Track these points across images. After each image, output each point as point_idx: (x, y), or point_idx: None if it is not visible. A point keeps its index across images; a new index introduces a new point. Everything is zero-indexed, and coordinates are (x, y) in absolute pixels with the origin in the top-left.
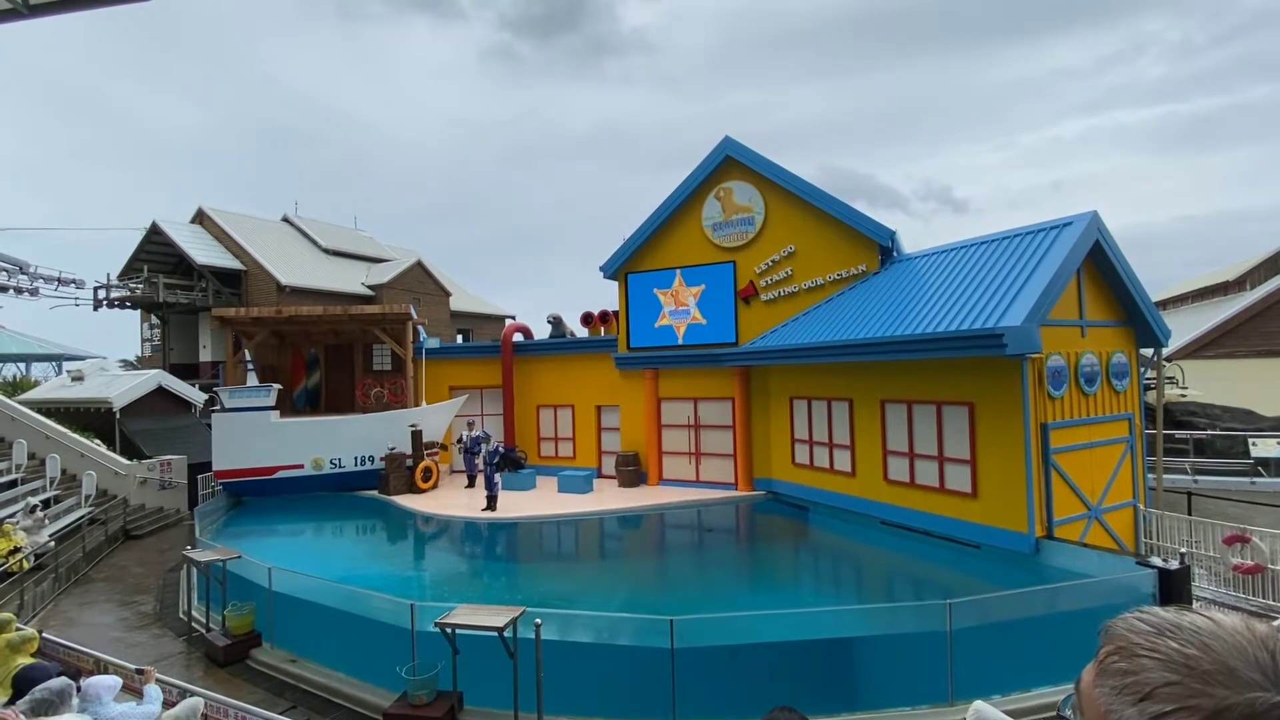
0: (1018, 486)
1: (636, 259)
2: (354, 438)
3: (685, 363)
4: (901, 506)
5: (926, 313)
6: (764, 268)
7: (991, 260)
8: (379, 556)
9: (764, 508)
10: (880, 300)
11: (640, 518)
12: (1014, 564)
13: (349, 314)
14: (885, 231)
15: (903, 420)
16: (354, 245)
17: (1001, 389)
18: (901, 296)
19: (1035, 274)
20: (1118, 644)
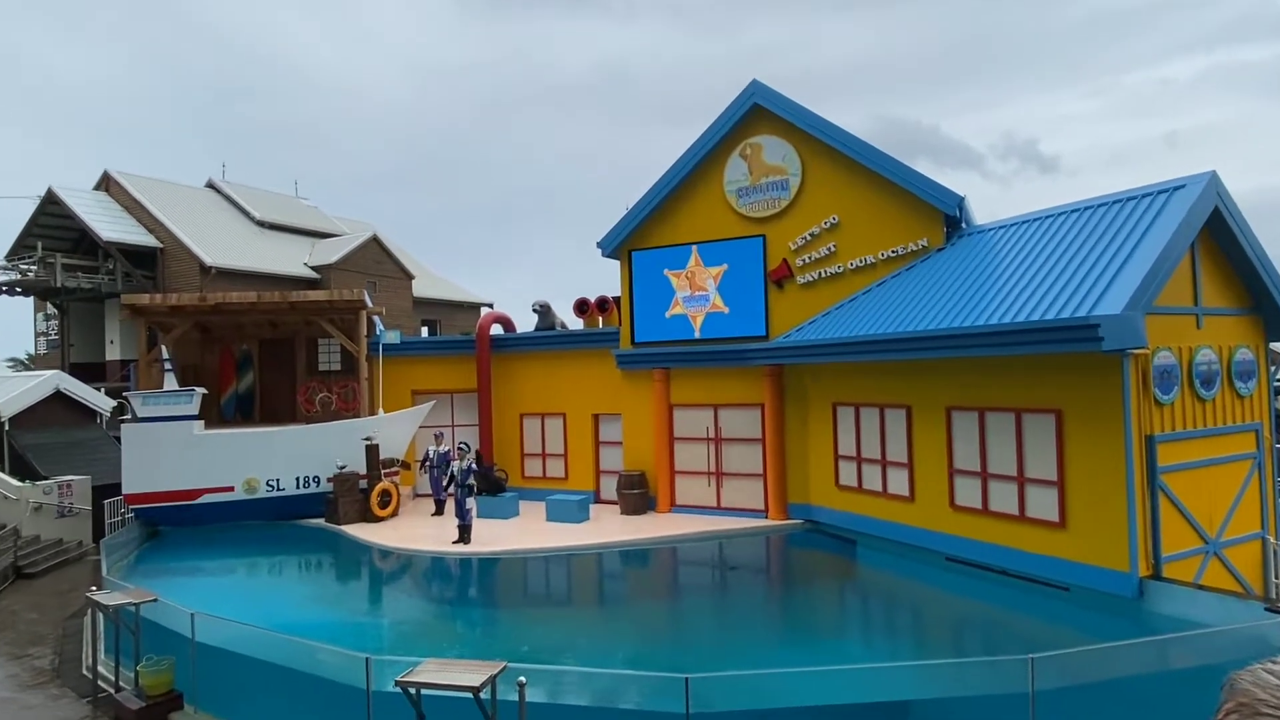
0: (1116, 514)
1: (643, 233)
2: (295, 454)
3: (703, 361)
4: (971, 539)
5: (1003, 299)
6: (801, 243)
7: (1085, 233)
8: (327, 600)
9: (801, 540)
10: (945, 283)
11: (647, 553)
12: (1112, 610)
13: (289, 301)
14: (951, 198)
15: (973, 432)
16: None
17: (1097, 393)
18: (972, 278)
19: (1139, 250)
20: (1239, 699)
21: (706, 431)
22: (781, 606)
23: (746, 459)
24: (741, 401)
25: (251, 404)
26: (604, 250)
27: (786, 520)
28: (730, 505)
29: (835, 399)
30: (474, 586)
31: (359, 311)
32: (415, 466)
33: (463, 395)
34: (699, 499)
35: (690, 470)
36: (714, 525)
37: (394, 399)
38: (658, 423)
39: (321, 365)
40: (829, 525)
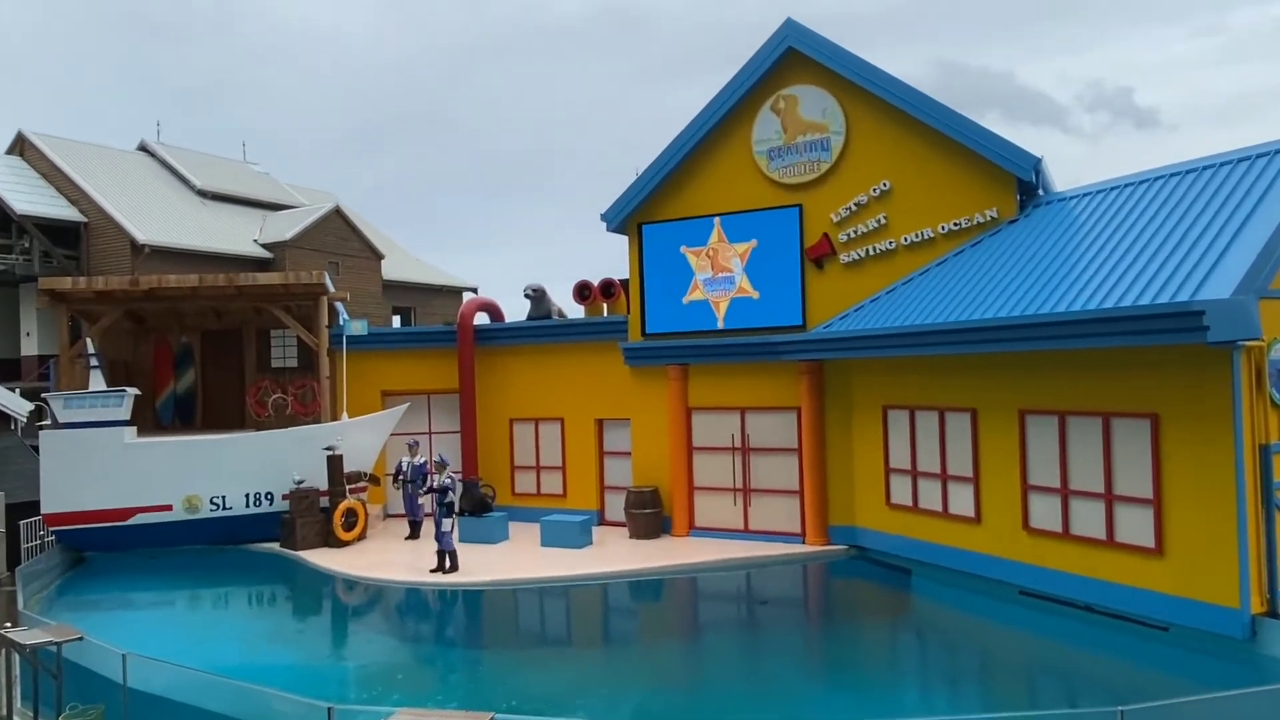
0: (1224, 539)
1: (655, 202)
2: (245, 467)
3: (728, 355)
4: (1049, 568)
5: (1088, 280)
6: (845, 214)
7: (1187, 201)
8: (282, 639)
9: (845, 569)
10: (1019, 262)
11: (660, 584)
12: (1218, 654)
13: (236, 286)
14: (1026, 159)
15: (1052, 439)
16: (243, 185)
17: (1201, 393)
18: (1050, 256)
19: (1252, 221)
20: None
21: (732, 440)
22: (822, 651)
23: (779, 473)
24: (773, 404)
25: (193, 407)
26: (609, 224)
27: (827, 546)
28: (760, 528)
29: (886, 401)
30: (455, 623)
31: (319, 297)
32: (386, 481)
33: (442, 397)
34: (723, 521)
35: (712, 486)
36: (740, 552)
37: (361, 401)
38: (673, 429)
39: (274, 361)
40: (878, 552)
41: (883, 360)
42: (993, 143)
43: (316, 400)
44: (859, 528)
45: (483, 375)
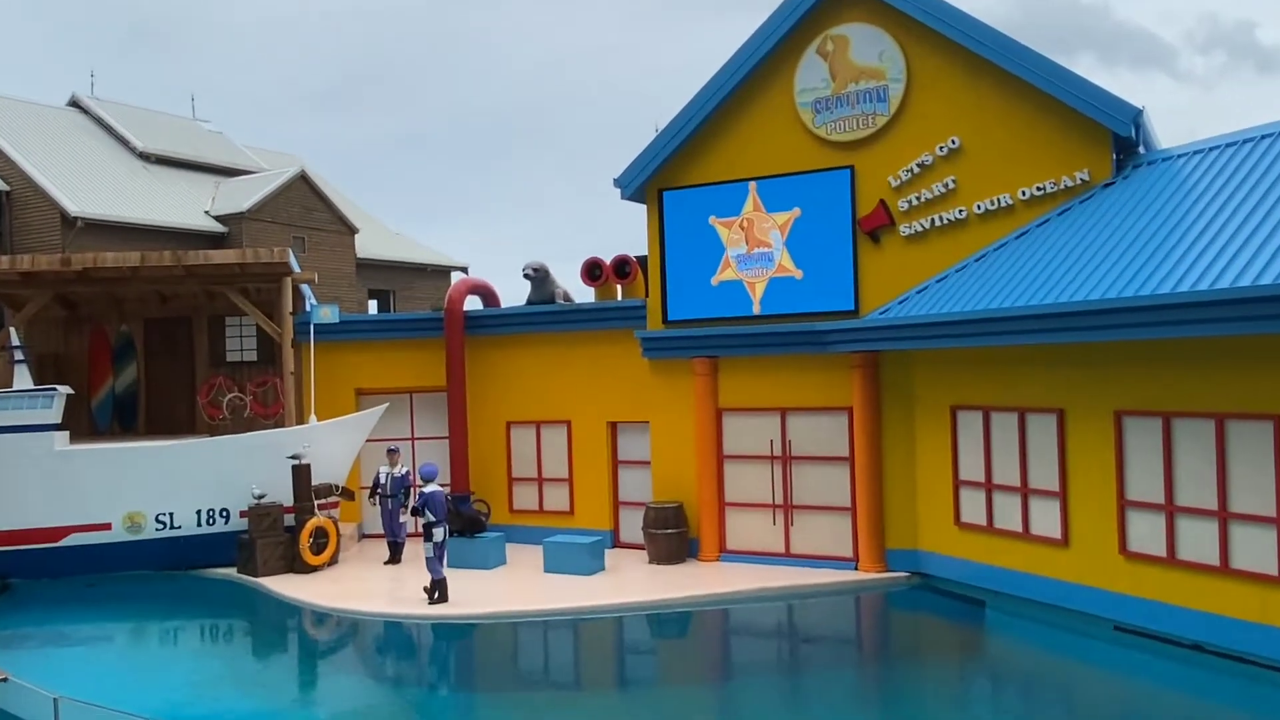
0: None
1: (679, 165)
2: (196, 478)
3: (766, 346)
4: (1151, 600)
5: (1199, 255)
6: (906, 177)
7: None
8: (240, 680)
9: (906, 601)
10: (1115, 233)
11: (686, 618)
12: None
13: (184, 265)
14: (1124, 111)
15: (1155, 445)
16: (192, 147)
17: None
18: (1154, 226)
19: None
20: None
21: (770, 447)
22: (879, 700)
23: (827, 486)
24: (820, 404)
25: (135, 408)
26: (624, 190)
27: (885, 573)
28: (804, 552)
29: (955, 400)
30: (443, 663)
31: (281, 279)
32: (362, 495)
33: (427, 396)
34: (760, 542)
35: (747, 502)
36: (781, 580)
37: (332, 401)
38: (700, 435)
39: (230, 354)
40: (946, 580)
41: (951, 352)
42: (1084, 91)
43: (279, 400)
44: (922, 551)
45: (475, 371)
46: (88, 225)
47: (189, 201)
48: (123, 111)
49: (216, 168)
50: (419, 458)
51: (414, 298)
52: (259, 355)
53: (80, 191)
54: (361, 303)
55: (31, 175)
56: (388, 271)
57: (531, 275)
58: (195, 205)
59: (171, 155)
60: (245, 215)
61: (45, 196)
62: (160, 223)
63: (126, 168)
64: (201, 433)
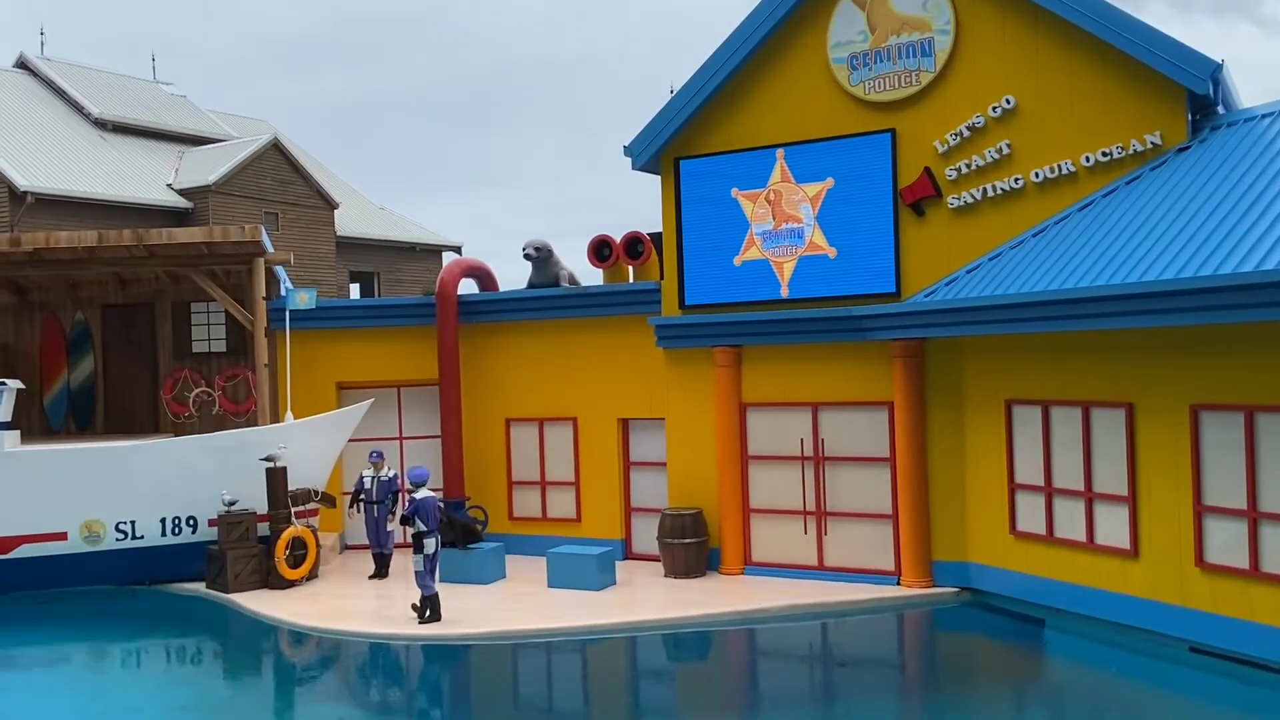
0: None
1: (697, 130)
2: (160, 483)
3: (796, 333)
4: (1231, 617)
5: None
6: (954, 142)
7: None
8: (208, 709)
9: (955, 620)
10: (1193, 203)
11: (706, 639)
12: None
13: (146, 245)
14: (1202, 66)
15: (1236, 443)
16: (153, 112)
17: None
18: (1237, 195)
19: None
20: None
21: (801, 447)
22: None
23: (866, 491)
24: (857, 399)
25: (92, 405)
26: (635, 160)
27: (931, 588)
28: (840, 564)
29: (1010, 393)
30: (435, 689)
31: (253, 260)
32: (344, 502)
33: (416, 390)
34: (789, 554)
35: (775, 509)
36: (813, 596)
37: (310, 396)
38: (722, 433)
39: (197, 344)
40: (999, 596)
41: (1006, 339)
42: (1155, 43)
43: (252, 396)
44: (973, 564)
45: (470, 362)
46: (38, 201)
47: (150, 174)
48: (76, 74)
49: (180, 135)
50: (408, 460)
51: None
52: (229, 345)
53: (30, 163)
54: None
55: None
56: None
57: (533, 255)
58: (157, 178)
59: (130, 122)
60: (212, 189)
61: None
62: (119, 198)
63: (81, 136)
64: (166, 432)
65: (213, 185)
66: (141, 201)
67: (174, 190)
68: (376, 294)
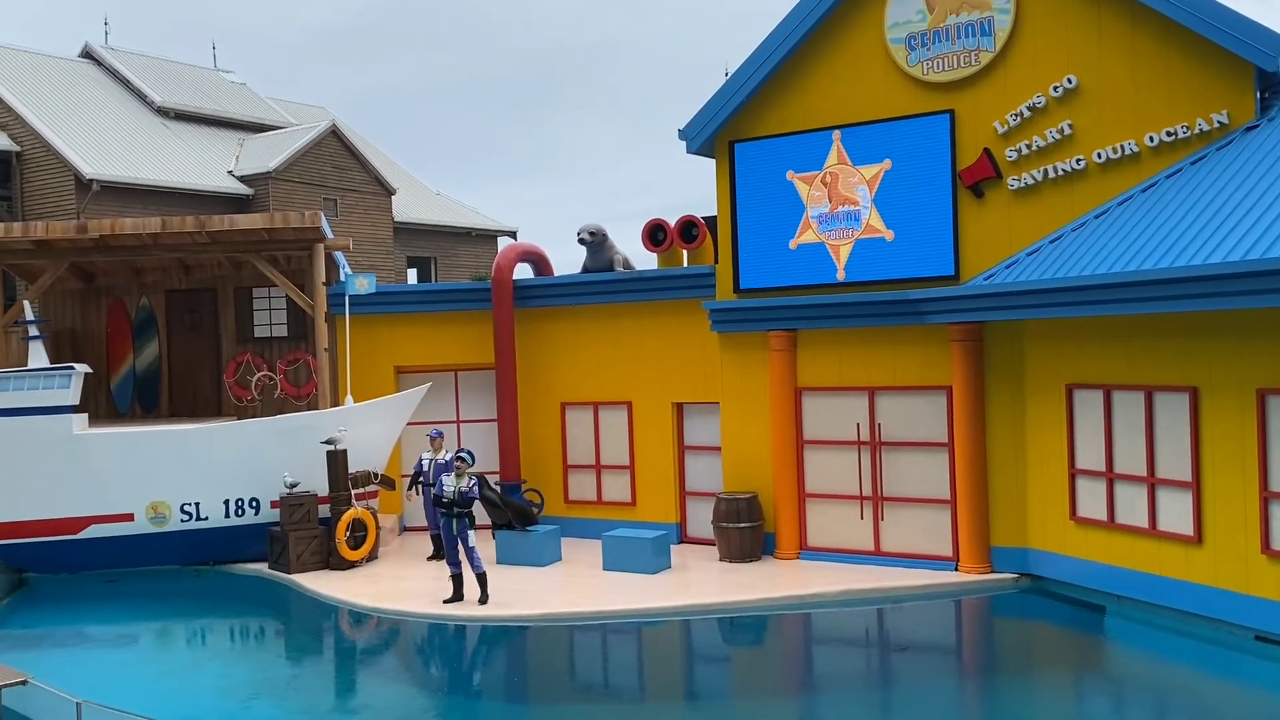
0: None
1: (753, 113)
2: (224, 465)
3: (852, 317)
4: None
5: None
6: (1014, 122)
7: None
8: (271, 688)
9: (1014, 606)
10: (1262, 183)
11: (761, 623)
12: None
13: (208, 231)
14: (1272, 43)
15: None
16: (214, 100)
17: None
18: None
19: None
20: None
21: (857, 431)
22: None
23: (923, 476)
24: (915, 383)
25: (157, 388)
26: (690, 143)
27: (990, 574)
28: (897, 550)
29: (1071, 378)
30: (491, 669)
31: (313, 245)
32: (403, 484)
33: (473, 374)
34: (845, 539)
35: (831, 493)
36: (870, 581)
37: (369, 380)
38: (777, 417)
39: (258, 329)
40: (1060, 582)
41: (1067, 323)
42: (1222, 19)
43: (312, 379)
44: (1033, 550)
45: (526, 346)
46: (104, 189)
47: (211, 161)
48: (139, 62)
49: (240, 123)
50: (464, 442)
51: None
52: (289, 330)
53: (95, 152)
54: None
55: (43, 134)
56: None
57: (588, 240)
58: (218, 165)
59: (192, 110)
60: (272, 175)
61: (58, 157)
62: (181, 185)
63: (144, 124)
64: (229, 415)
65: (273, 172)
66: (203, 188)
67: (235, 177)
68: (434, 278)
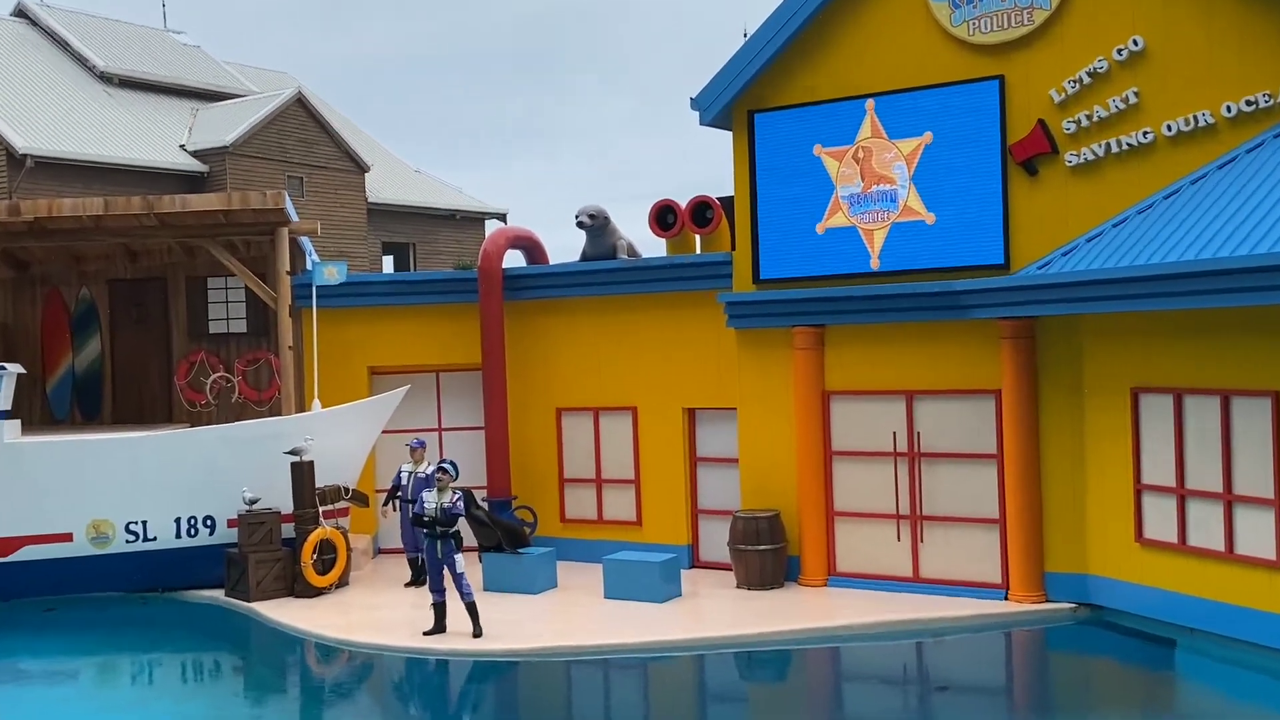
0: None
1: (775, 79)
2: (174, 479)
3: (888, 312)
4: None
5: None
6: (1071, 90)
7: None
8: None
9: (1073, 640)
10: None
11: (784, 659)
12: None
13: (157, 213)
14: None
15: None
16: (165, 65)
17: None
18: None
19: None
20: None
21: (893, 441)
22: None
23: (968, 491)
24: (959, 386)
25: (98, 391)
26: (704, 113)
27: (1043, 604)
28: (938, 576)
29: (1137, 380)
30: (479, 711)
31: (276, 230)
32: (377, 500)
33: (457, 376)
34: (880, 563)
35: (863, 511)
36: (908, 611)
37: (338, 382)
38: (803, 425)
39: (214, 325)
40: (1123, 613)
41: (1132, 318)
42: None
43: (275, 381)
44: (1092, 576)
45: (517, 344)
46: (39, 164)
47: (161, 134)
48: (80, 22)
49: (194, 91)
50: (447, 453)
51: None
52: (249, 326)
53: (30, 123)
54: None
55: None
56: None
57: (587, 224)
58: (169, 138)
59: (139, 76)
60: (229, 150)
61: None
62: (127, 161)
63: (85, 92)
64: (180, 422)
65: (230, 146)
66: (152, 165)
67: (187, 152)
68: (412, 267)
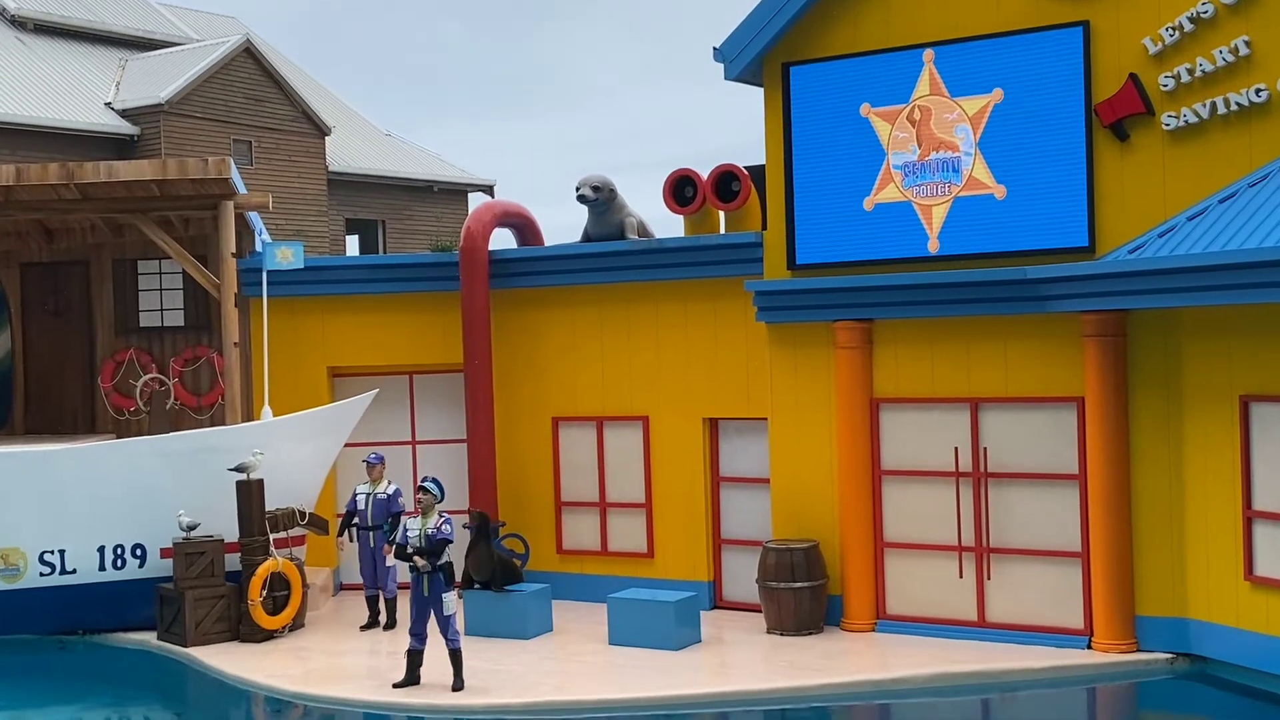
0: None
1: (812, 25)
2: (97, 500)
3: (948, 304)
4: None
5: None
6: (1170, 40)
7: None
8: None
9: (1169, 697)
10: None
11: (825, 717)
12: None
13: (78, 184)
14: None
15: None
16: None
17: None
18: None
19: None
20: None
21: (955, 458)
22: None
23: (1045, 519)
24: (1033, 394)
25: (8, 396)
26: (729, 65)
27: (1135, 653)
28: (1008, 620)
29: (1248, 387)
30: None
31: (220, 204)
32: (335, 528)
33: (435, 379)
34: (938, 604)
35: (919, 543)
36: (973, 662)
37: (294, 385)
38: (846, 439)
39: (146, 316)
40: (1230, 665)
41: (1242, 312)
42: None
43: (218, 384)
44: (1193, 620)
45: (506, 341)
46: None
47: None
48: None
49: (123, 38)
50: (422, 470)
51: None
52: (187, 318)
53: None
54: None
55: None
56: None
57: (590, 197)
58: (93, 95)
59: (58, 20)
60: (164, 108)
61: None
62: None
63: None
64: (105, 433)
65: (165, 104)
66: (72, 126)
67: (114, 111)
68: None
